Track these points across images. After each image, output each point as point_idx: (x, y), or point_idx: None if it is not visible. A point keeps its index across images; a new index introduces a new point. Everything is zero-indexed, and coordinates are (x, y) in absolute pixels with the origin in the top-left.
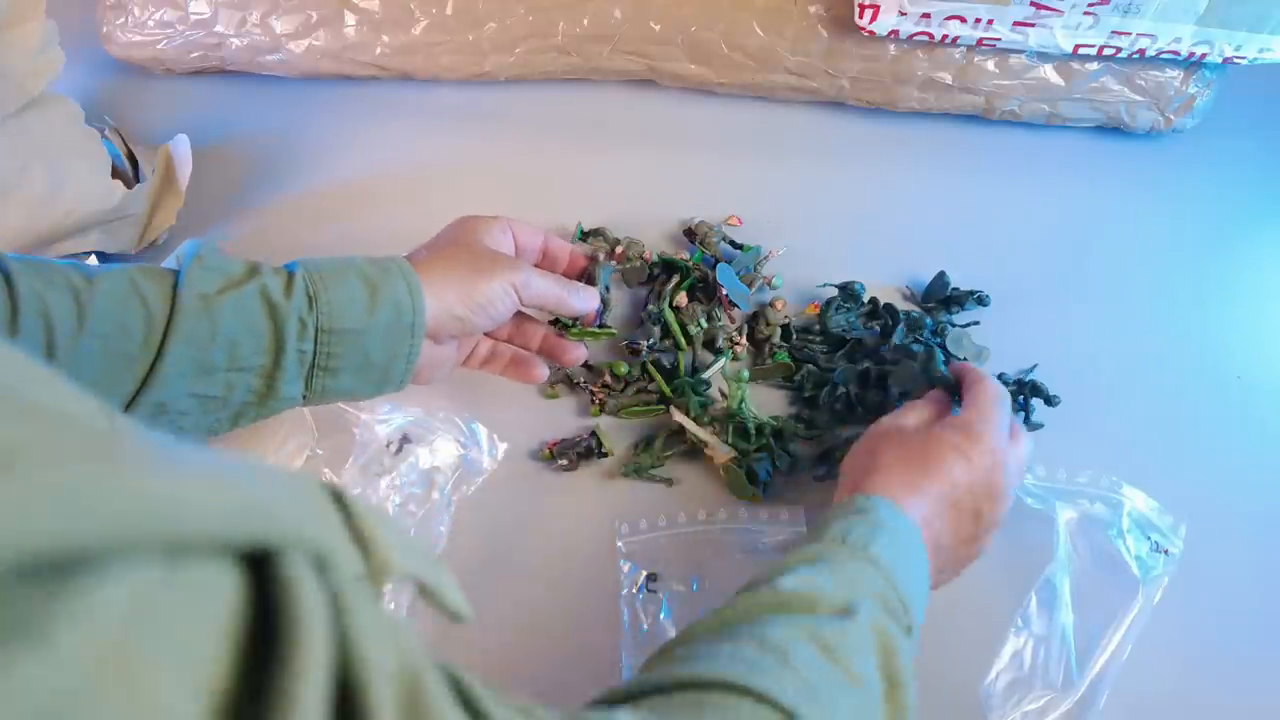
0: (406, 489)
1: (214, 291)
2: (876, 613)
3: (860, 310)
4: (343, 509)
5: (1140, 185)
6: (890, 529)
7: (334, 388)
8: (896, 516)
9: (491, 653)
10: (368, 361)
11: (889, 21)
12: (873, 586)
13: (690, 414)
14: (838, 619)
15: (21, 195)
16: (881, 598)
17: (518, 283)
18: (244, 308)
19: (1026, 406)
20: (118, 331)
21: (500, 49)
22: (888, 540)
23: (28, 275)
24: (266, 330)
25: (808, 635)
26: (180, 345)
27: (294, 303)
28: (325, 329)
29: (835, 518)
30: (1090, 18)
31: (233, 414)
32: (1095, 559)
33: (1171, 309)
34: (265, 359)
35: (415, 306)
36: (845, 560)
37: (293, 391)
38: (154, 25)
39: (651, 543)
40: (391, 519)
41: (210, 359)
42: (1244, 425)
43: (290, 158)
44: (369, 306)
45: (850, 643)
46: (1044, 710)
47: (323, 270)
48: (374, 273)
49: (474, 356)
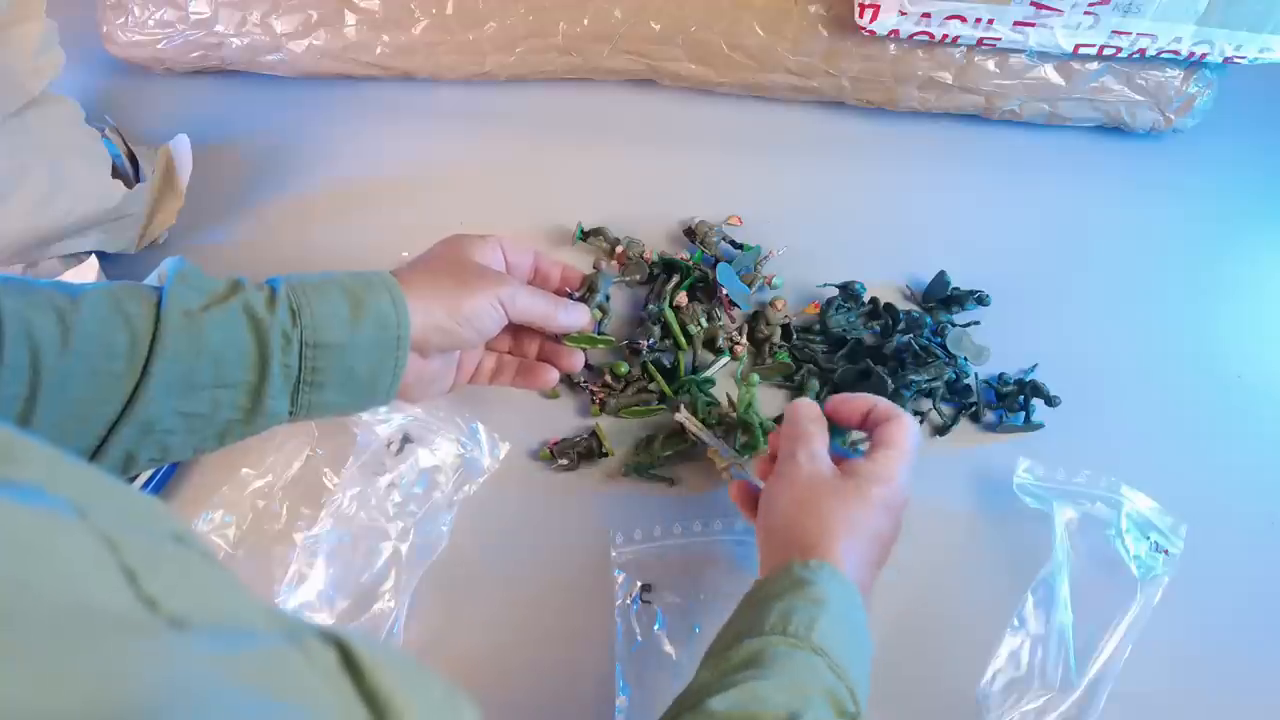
0: (406, 489)
1: (197, 308)
2: (823, 712)
3: (860, 310)
4: (351, 668)
5: (1140, 185)
6: (832, 604)
7: (320, 403)
8: (837, 582)
9: (486, 659)
10: (352, 376)
11: (889, 21)
12: (820, 681)
13: (696, 414)
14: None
15: (21, 195)
16: (829, 693)
17: (504, 297)
18: (228, 323)
19: (1026, 406)
20: (102, 350)
21: (500, 48)
22: (830, 619)
23: (11, 296)
24: (251, 345)
25: None
26: (165, 362)
27: (278, 317)
28: (310, 343)
29: (774, 595)
30: (1090, 17)
31: (219, 432)
32: (1094, 559)
33: (1171, 309)
34: (251, 375)
35: (400, 320)
36: (788, 655)
37: (279, 408)
38: (154, 25)
39: (646, 554)
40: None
41: (195, 376)
42: (1244, 425)
43: (290, 158)
44: (353, 320)
45: None
46: (1043, 710)
47: (306, 285)
48: (358, 286)
49: (480, 371)
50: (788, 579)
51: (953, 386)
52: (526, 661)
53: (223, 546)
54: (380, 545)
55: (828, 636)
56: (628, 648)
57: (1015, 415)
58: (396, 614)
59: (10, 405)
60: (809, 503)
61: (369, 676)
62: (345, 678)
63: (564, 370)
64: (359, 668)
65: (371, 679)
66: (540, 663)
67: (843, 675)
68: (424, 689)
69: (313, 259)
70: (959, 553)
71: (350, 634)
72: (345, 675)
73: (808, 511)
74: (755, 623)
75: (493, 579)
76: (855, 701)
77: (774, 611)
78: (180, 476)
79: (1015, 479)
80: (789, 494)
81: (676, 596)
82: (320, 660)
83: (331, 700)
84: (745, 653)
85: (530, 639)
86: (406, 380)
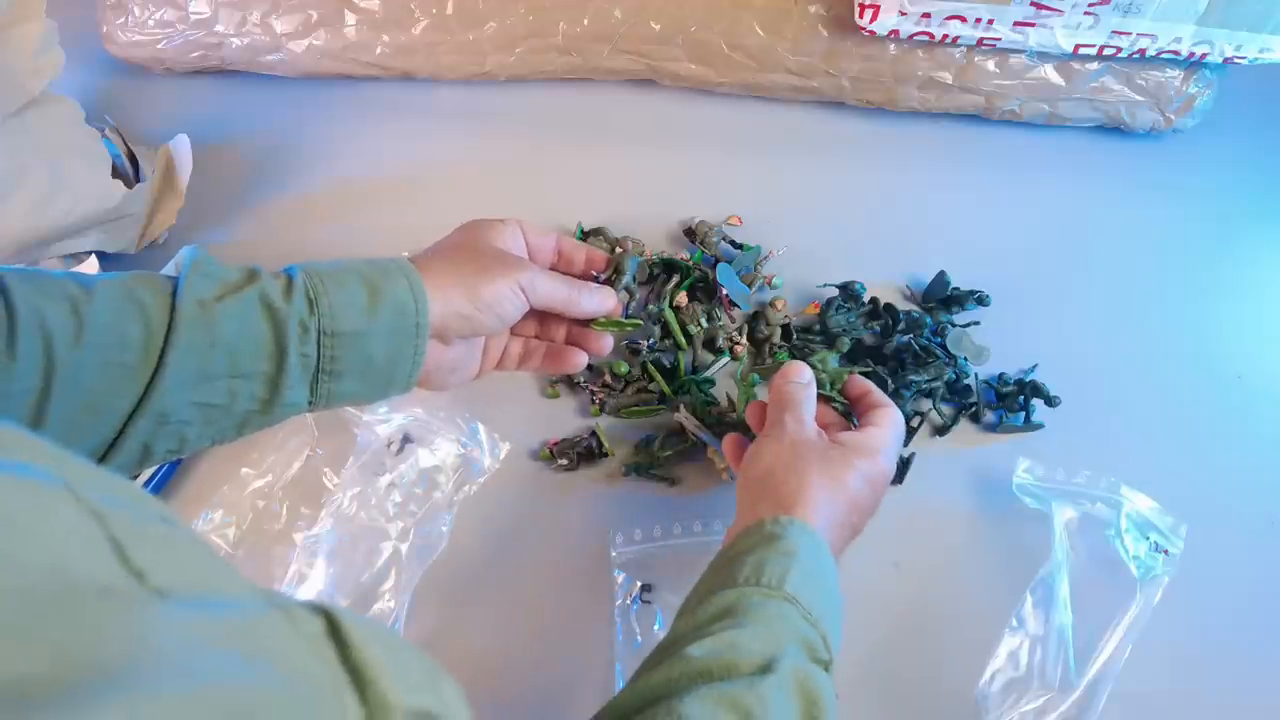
0: (407, 489)
1: (212, 298)
2: (799, 658)
3: (860, 310)
4: (337, 640)
5: (1140, 185)
6: (802, 556)
7: (339, 392)
8: (807, 537)
9: (486, 659)
10: (371, 364)
11: (889, 21)
12: (793, 629)
13: (696, 415)
14: (759, 677)
15: (21, 195)
16: (802, 639)
17: (524, 282)
18: (243, 313)
19: (1026, 406)
20: (117, 341)
21: (500, 48)
22: (802, 570)
23: (24, 288)
24: (267, 335)
25: (728, 706)
26: (180, 353)
27: (294, 306)
28: (327, 332)
29: (747, 550)
30: (1090, 18)
31: (237, 423)
32: (1094, 559)
33: (1171, 309)
34: (268, 364)
35: (419, 307)
36: (762, 605)
37: (298, 398)
38: (154, 25)
39: (646, 554)
40: (389, 636)
41: (211, 366)
42: (1244, 425)
43: (290, 158)
44: (370, 308)
45: (773, 704)
46: (1042, 710)
47: (323, 273)
48: (375, 274)
49: (507, 356)
50: (759, 534)
51: (953, 387)
52: (526, 661)
53: (223, 546)
54: (380, 545)
55: (800, 587)
56: (628, 648)
57: (1015, 415)
58: (396, 614)
59: (25, 397)
60: (791, 463)
61: (353, 647)
62: (330, 646)
63: (593, 354)
64: (344, 638)
65: (355, 650)
66: (540, 663)
67: (815, 623)
68: (406, 665)
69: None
70: (958, 553)
71: (338, 607)
72: (330, 644)
73: (790, 470)
74: (729, 577)
75: (493, 579)
76: (828, 648)
77: (747, 565)
78: (180, 476)
79: (1015, 479)
80: (773, 451)
81: (676, 596)
82: (305, 627)
83: (313, 665)
84: (720, 604)
85: (530, 639)
86: (428, 367)
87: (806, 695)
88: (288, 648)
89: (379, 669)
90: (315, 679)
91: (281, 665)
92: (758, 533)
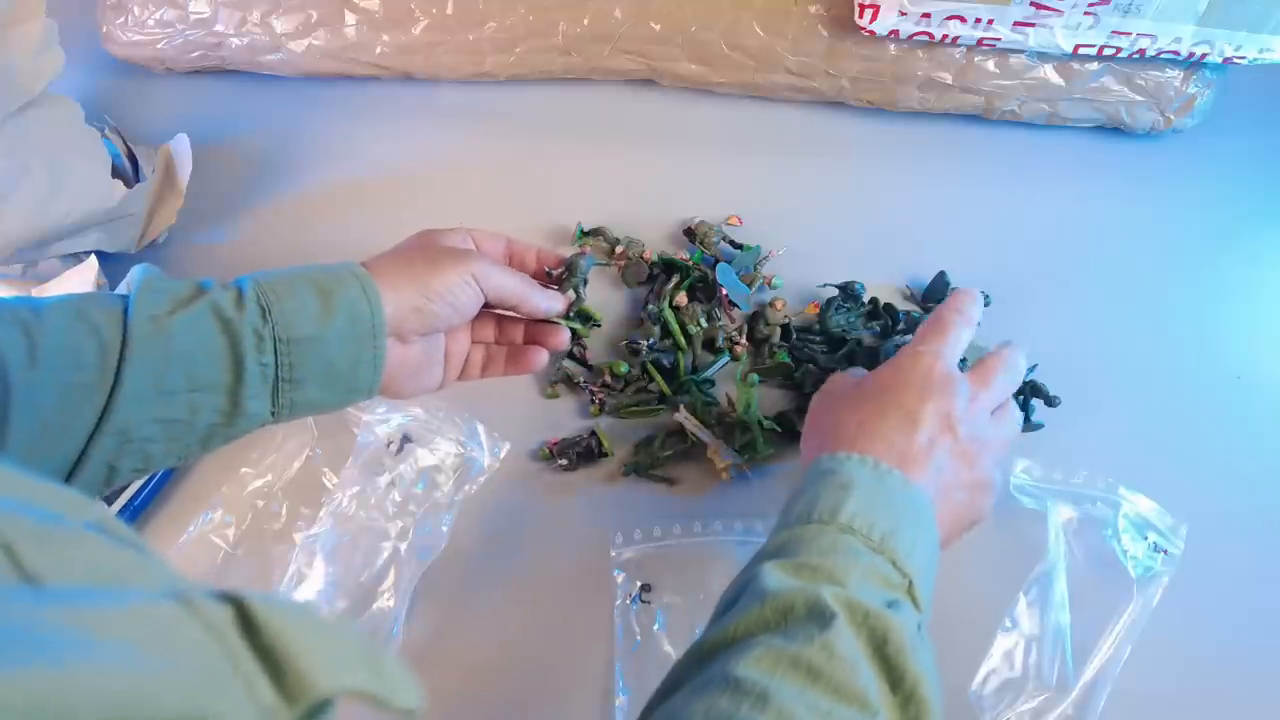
0: (406, 489)
1: (164, 312)
2: (865, 593)
3: (860, 310)
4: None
5: (1140, 185)
6: (861, 483)
7: (302, 401)
8: (866, 466)
9: (486, 659)
10: (332, 370)
11: (889, 21)
12: (853, 559)
13: (697, 415)
14: (816, 629)
15: (21, 195)
16: (867, 568)
17: (477, 272)
18: (196, 325)
19: (1026, 406)
20: (72, 361)
21: (500, 48)
22: (861, 496)
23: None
24: (222, 346)
25: (788, 663)
26: (136, 369)
27: (247, 315)
28: (283, 339)
29: (800, 492)
30: (1090, 18)
31: (200, 438)
32: (1091, 559)
33: (1171, 309)
34: (226, 375)
35: (373, 308)
36: (814, 541)
37: (259, 408)
38: (154, 24)
39: (646, 554)
40: (315, 618)
41: (169, 381)
42: (1244, 425)
43: (290, 158)
44: (323, 311)
45: (837, 654)
46: (1040, 710)
47: (273, 281)
48: (325, 279)
49: (470, 365)
50: (814, 470)
51: None
52: (526, 661)
53: (222, 546)
54: (380, 545)
55: (858, 511)
56: (628, 648)
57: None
58: (396, 614)
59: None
60: (834, 406)
61: (264, 632)
62: (237, 633)
63: (551, 349)
64: (255, 624)
65: (268, 635)
66: (540, 663)
67: (882, 546)
68: (335, 646)
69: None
70: (954, 553)
71: (252, 594)
72: (238, 631)
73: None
74: (780, 523)
75: (493, 579)
76: (903, 572)
77: (799, 506)
78: (179, 476)
79: (1012, 479)
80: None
81: (676, 596)
82: (208, 616)
83: (214, 652)
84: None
85: (530, 639)
86: (390, 371)
87: (876, 640)
88: (179, 634)
89: (296, 651)
90: (210, 665)
91: (168, 651)
92: (811, 472)
